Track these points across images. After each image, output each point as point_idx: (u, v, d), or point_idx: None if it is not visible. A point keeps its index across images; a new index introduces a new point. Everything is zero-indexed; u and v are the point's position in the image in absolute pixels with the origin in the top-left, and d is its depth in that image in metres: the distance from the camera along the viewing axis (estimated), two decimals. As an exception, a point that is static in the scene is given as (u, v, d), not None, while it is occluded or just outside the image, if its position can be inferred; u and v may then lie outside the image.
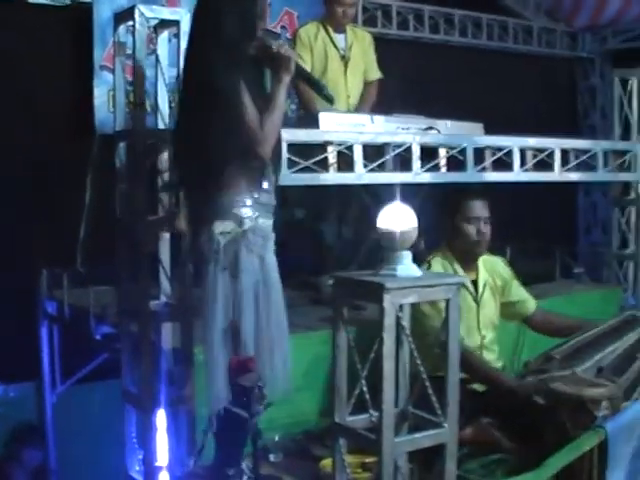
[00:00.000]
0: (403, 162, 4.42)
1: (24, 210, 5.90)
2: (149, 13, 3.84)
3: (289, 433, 4.14)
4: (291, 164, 3.95)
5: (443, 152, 4.50)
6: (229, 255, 3.23)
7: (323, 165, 4.13)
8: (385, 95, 5.85)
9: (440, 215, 4.46)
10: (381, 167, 4.29)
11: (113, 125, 4.12)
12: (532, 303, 4.55)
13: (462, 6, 8.53)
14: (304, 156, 4.04)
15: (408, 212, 2.85)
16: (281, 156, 3.68)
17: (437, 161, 4.48)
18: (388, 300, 2.60)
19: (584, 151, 5.23)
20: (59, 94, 6.31)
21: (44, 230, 5.84)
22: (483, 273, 4.42)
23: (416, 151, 4.36)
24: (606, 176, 5.50)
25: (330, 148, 4.11)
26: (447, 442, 2.83)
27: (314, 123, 4.20)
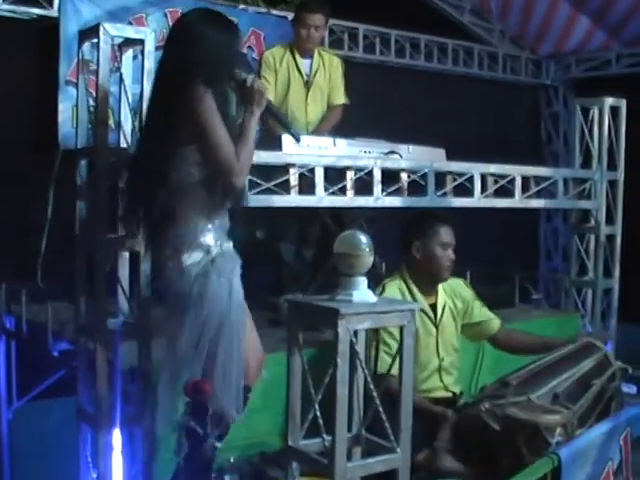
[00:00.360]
0: (364, 186, 4.44)
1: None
2: (114, 31, 3.82)
3: (245, 454, 4.12)
4: (252, 185, 3.96)
5: (404, 177, 4.54)
6: (200, 284, 3.23)
7: (284, 187, 4.14)
8: (349, 118, 5.88)
9: (401, 238, 4.48)
10: (342, 190, 4.31)
11: (75, 141, 4.11)
12: (496, 322, 4.59)
13: (428, 31, 8.59)
14: (265, 178, 4.05)
15: (365, 238, 2.87)
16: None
17: (398, 185, 4.51)
18: (343, 326, 2.61)
19: (545, 178, 5.29)
20: (24, 108, 6.27)
21: (4, 244, 5.78)
22: (442, 297, 4.45)
23: (377, 175, 4.39)
24: (566, 203, 5.57)
25: (292, 170, 4.13)
26: (399, 467, 2.85)
27: (277, 145, 4.22)
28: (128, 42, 3.94)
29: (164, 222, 3.30)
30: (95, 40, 3.86)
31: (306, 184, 4.24)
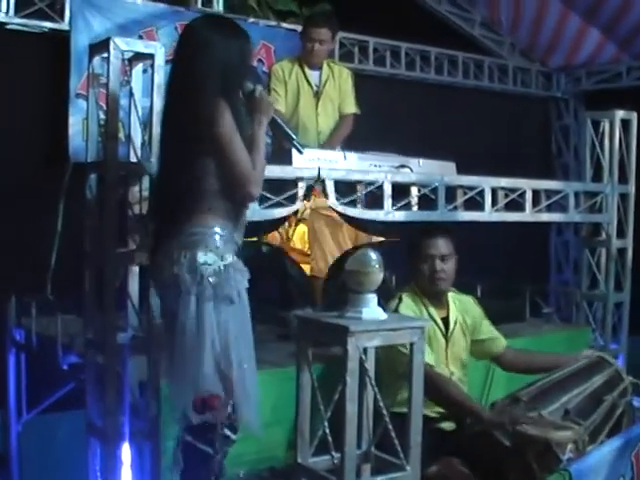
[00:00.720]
0: (375, 199, 4.43)
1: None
2: (124, 46, 3.83)
3: (255, 469, 4.10)
4: (262, 200, 3.96)
5: (415, 190, 4.53)
6: (211, 286, 3.20)
7: (294, 201, 4.14)
8: (360, 130, 5.87)
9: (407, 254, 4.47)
10: (353, 204, 4.31)
11: (85, 155, 4.11)
12: (502, 342, 4.56)
13: (438, 44, 8.59)
14: (275, 191, 4.04)
15: (374, 255, 2.86)
16: None
17: (408, 199, 4.50)
18: (352, 343, 2.60)
19: (556, 192, 5.28)
20: (35, 120, 6.28)
21: (14, 257, 5.79)
22: (454, 311, 4.42)
23: (388, 189, 4.38)
24: (577, 217, 5.55)
25: (301, 184, 4.12)
26: (409, 485, 2.83)
27: (287, 159, 4.21)
28: (138, 56, 3.94)
29: (180, 219, 3.27)
30: (105, 54, 3.87)
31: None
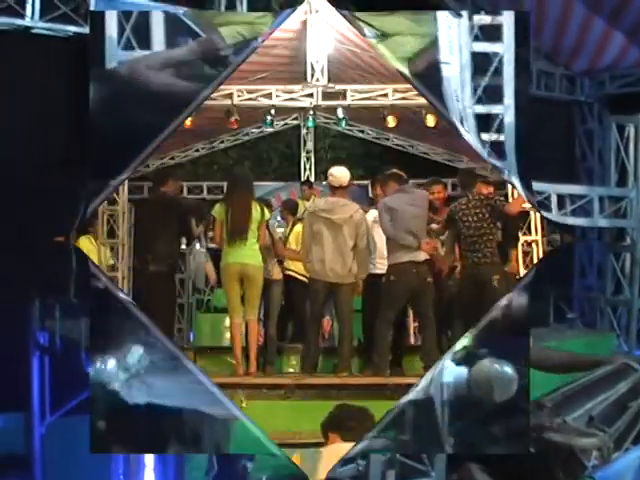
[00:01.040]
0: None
1: (18, 239, 5.88)
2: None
3: (277, 474, 4.09)
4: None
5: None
6: None
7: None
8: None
9: None
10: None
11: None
12: None
13: (462, 47, 8.55)
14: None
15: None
16: None
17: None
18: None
19: (580, 196, 5.26)
20: (59, 123, 6.31)
21: (37, 260, 5.81)
22: None
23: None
24: (601, 222, 5.52)
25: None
26: (434, 492, 2.81)
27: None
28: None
29: None
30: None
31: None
